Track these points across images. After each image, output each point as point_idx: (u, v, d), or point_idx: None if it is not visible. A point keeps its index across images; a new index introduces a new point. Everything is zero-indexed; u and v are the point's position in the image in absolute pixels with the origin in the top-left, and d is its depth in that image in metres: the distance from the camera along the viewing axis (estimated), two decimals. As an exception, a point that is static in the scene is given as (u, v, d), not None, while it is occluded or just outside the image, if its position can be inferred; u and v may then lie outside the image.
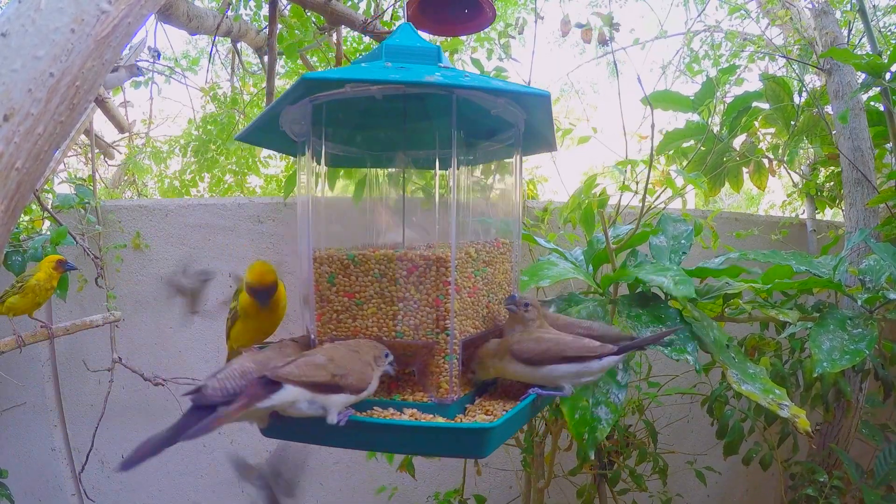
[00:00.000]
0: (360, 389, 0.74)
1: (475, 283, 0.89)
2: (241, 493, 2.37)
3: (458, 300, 0.85)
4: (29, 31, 0.74)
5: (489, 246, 0.93)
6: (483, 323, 0.92)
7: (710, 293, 1.34)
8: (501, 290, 0.97)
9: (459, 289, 0.85)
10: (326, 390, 0.71)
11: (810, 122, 2.28)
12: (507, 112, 0.90)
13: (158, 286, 2.30)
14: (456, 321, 0.84)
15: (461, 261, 0.86)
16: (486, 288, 0.92)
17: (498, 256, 0.95)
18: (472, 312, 0.89)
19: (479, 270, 0.90)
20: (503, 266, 0.96)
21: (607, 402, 1.03)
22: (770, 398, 1.02)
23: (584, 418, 1.01)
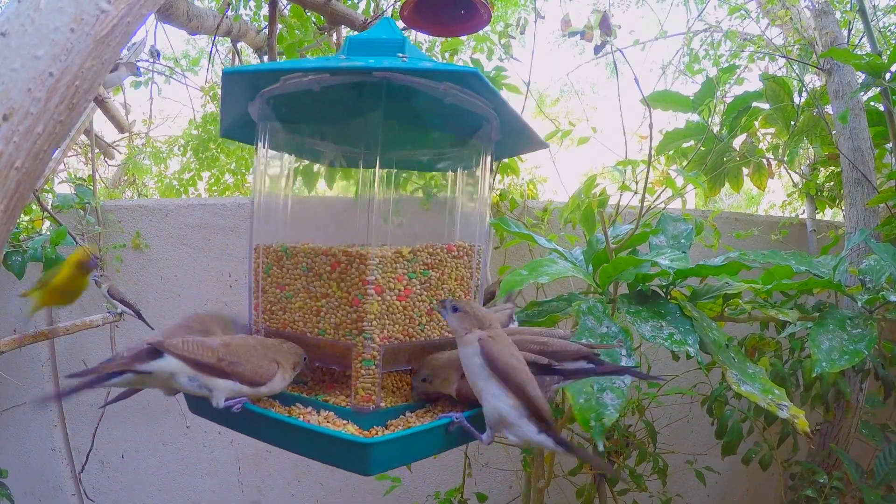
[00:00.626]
0: (253, 382, 0.74)
1: (408, 286, 0.83)
2: (242, 494, 2.37)
3: (381, 302, 0.79)
4: (28, 31, 0.74)
5: (436, 248, 0.86)
6: (421, 331, 0.85)
7: (709, 293, 1.34)
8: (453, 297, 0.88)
9: (383, 290, 0.79)
10: (210, 372, 0.71)
11: (810, 122, 2.28)
12: (468, 104, 0.84)
13: (159, 286, 2.30)
14: (376, 324, 0.79)
15: (389, 260, 0.80)
16: (426, 293, 0.85)
17: (448, 260, 0.87)
18: (402, 318, 0.82)
19: (417, 273, 0.83)
20: (457, 271, 0.88)
21: (612, 387, 0.99)
22: (769, 398, 1.02)
23: (589, 404, 0.97)
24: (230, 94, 0.88)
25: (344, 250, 0.81)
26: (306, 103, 0.88)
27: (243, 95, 0.88)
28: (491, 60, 2.41)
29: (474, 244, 0.91)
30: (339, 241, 0.86)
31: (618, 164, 1.66)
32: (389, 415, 0.81)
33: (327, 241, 0.85)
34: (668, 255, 1.15)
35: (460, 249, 0.89)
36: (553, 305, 1.33)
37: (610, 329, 1.10)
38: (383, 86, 0.77)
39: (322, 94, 0.81)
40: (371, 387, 0.79)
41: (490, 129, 0.92)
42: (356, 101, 0.86)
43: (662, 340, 1.06)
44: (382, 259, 0.80)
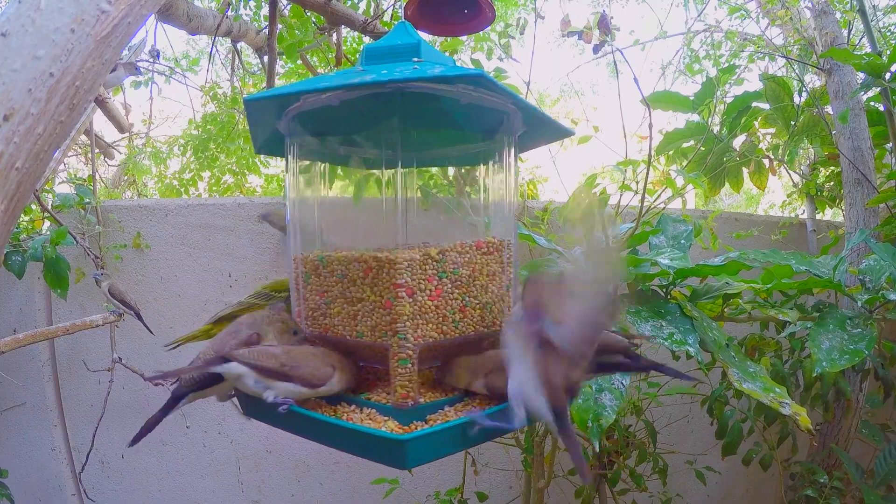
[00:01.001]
0: (312, 384, 0.82)
1: (438, 285, 0.85)
2: (242, 493, 2.38)
3: (412, 303, 0.82)
4: (29, 31, 0.74)
5: (465, 247, 0.88)
6: (456, 328, 0.87)
7: (709, 293, 1.34)
8: (486, 293, 0.91)
9: (414, 292, 0.82)
10: (275, 377, 0.81)
11: (810, 122, 2.28)
12: (487, 101, 0.86)
13: (159, 286, 2.30)
14: (409, 325, 0.82)
15: (418, 263, 0.83)
16: (458, 291, 0.87)
17: (478, 257, 0.90)
18: (435, 317, 0.85)
19: (448, 272, 0.86)
20: (487, 267, 0.90)
21: (611, 388, 1.00)
22: (771, 396, 1.02)
23: (587, 405, 0.98)
24: (255, 116, 0.90)
25: (374, 256, 0.84)
26: (329, 117, 0.91)
27: (270, 115, 0.91)
28: (491, 60, 2.41)
29: (504, 239, 0.93)
30: (374, 245, 0.89)
31: (618, 165, 1.66)
32: (428, 409, 0.84)
33: (362, 246, 0.89)
34: (668, 255, 1.16)
35: (490, 246, 0.91)
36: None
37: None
38: (398, 95, 0.80)
39: (342, 108, 0.84)
40: (409, 384, 0.83)
41: (511, 123, 0.94)
42: (375, 111, 0.89)
43: (663, 340, 1.06)
44: (411, 262, 0.83)
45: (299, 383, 0.81)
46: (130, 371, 2.13)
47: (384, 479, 1.89)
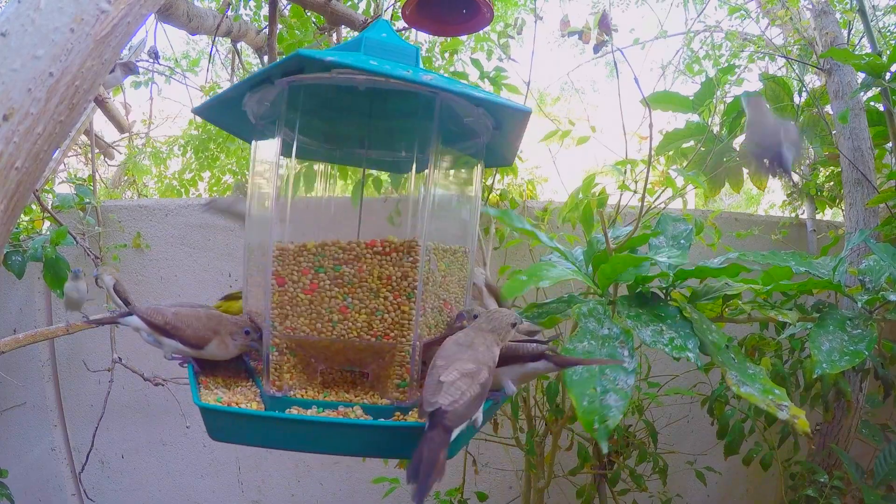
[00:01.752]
0: (192, 344, 0.92)
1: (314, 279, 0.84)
2: (242, 493, 2.38)
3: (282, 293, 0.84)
4: (28, 31, 0.74)
5: (353, 244, 0.85)
6: (333, 328, 0.85)
7: (709, 294, 1.34)
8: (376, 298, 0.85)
9: (285, 282, 0.84)
10: (161, 332, 0.93)
11: (810, 122, 2.28)
12: (480, 122, 0.88)
13: (159, 286, 2.30)
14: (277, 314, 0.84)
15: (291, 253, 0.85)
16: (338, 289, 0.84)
17: (371, 257, 0.85)
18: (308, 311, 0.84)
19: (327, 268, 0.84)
20: (382, 269, 0.85)
21: (616, 388, 0.98)
22: (769, 399, 1.02)
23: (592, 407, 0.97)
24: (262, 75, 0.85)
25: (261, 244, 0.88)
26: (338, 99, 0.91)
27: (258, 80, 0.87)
28: (490, 60, 2.41)
29: (409, 240, 0.84)
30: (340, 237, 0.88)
31: (617, 164, 1.66)
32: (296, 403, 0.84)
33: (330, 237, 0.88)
34: (666, 253, 1.15)
35: (388, 245, 0.83)
36: (553, 307, 1.33)
37: (612, 331, 1.10)
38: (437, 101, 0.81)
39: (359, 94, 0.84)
40: (275, 372, 0.84)
41: (484, 143, 0.94)
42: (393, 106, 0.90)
43: (663, 346, 1.06)
44: (283, 252, 0.83)
45: (180, 341, 0.91)
46: (130, 371, 2.13)
47: (384, 479, 1.89)
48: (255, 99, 0.89)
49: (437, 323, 0.91)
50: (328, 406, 0.83)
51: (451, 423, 0.69)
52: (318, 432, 0.78)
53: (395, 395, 0.85)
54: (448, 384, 0.72)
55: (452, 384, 0.72)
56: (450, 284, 0.94)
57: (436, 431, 0.68)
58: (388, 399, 0.85)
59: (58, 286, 1.92)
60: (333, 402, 0.84)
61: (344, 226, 1.06)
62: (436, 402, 0.69)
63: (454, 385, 0.72)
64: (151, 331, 0.93)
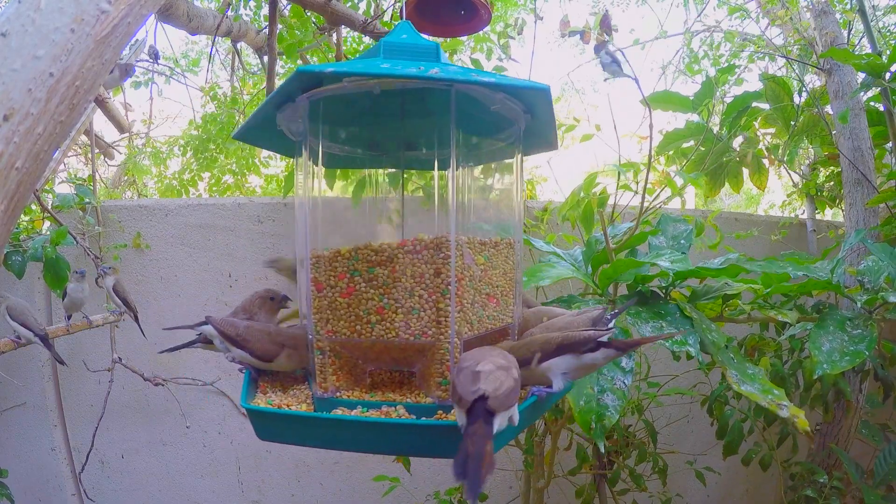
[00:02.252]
0: (260, 357, 0.97)
1: (350, 283, 0.85)
2: (242, 494, 2.38)
3: (321, 298, 0.85)
4: (29, 31, 0.74)
5: (385, 245, 0.85)
6: (372, 329, 0.85)
7: (709, 294, 1.34)
8: (411, 297, 0.85)
9: (323, 287, 0.86)
10: (232, 342, 0.99)
11: (810, 122, 2.28)
12: (508, 109, 0.88)
13: (159, 286, 2.30)
14: (318, 318, 0.86)
15: (326, 259, 0.86)
16: (374, 291, 0.85)
17: (402, 257, 0.85)
18: (347, 314, 0.85)
19: (361, 271, 0.85)
20: (414, 268, 0.85)
21: (613, 388, 0.99)
22: (769, 398, 1.02)
23: (589, 406, 0.97)
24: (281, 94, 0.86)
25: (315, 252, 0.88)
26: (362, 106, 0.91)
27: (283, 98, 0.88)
28: (490, 60, 2.41)
29: (439, 237, 0.84)
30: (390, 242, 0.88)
31: (623, 166, 1.66)
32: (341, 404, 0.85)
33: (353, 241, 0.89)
34: (668, 257, 1.15)
35: (418, 244, 0.83)
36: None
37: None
38: (452, 93, 0.81)
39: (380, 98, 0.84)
40: (321, 375, 0.87)
41: (521, 130, 0.94)
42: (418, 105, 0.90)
43: (663, 341, 1.06)
44: (319, 259, 0.86)
45: (249, 353, 0.98)
46: (130, 371, 2.13)
47: (384, 478, 1.89)
48: (285, 117, 0.90)
49: (481, 318, 0.90)
50: (372, 406, 0.84)
51: (496, 408, 0.66)
52: (358, 432, 0.79)
53: (437, 394, 0.84)
54: (486, 373, 0.70)
55: (491, 373, 0.70)
56: (493, 278, 0.92)
57: (478, 424, 0.65)
58: (431, 398, 0.85)
59: (58, 286, 1.92)
60: (378, 402, 0.85)
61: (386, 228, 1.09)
62: (478, 388, 0.67)
63: (493, 374, 0.70)
64: (224, 340, 1.00)
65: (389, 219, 1.07)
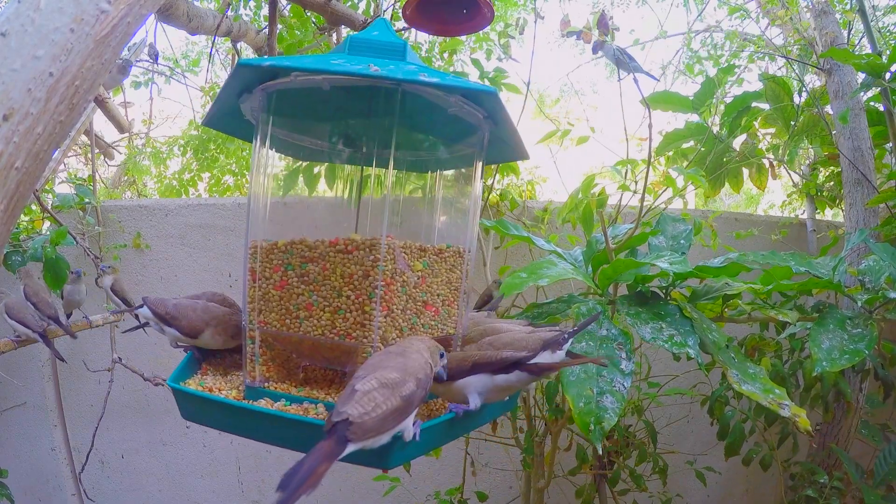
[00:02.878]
0: (187, 333, 0.98)
1: (284, 277, 0.85)
2: (242, 494, 2.38)
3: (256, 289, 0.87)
4: (28, 31, 0.74)
5: (318, 242, 0.84)
6: (300, 325, 0.84)
7: (709, 294, 1.34)
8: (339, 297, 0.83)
9: (259, 277, 0.87)
10: (161, 320, 1.00)
11: (810, 122, 2.28)
12: (466, 113, 0.85)
13: (159, 286, 2.30)
14: (252, 307, 0.87)
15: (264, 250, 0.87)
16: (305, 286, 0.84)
17: (334, 255, 0.83)
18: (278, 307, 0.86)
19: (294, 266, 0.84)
20: (345, 268, 0.82)
21: (612, 390, 0.99)
22: (770, 398, 1.02)
23: (588, 408, 0.97)
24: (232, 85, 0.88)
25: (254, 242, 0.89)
26: (313, 100, 0.91)
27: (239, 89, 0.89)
28: (490, 60, 2.41)
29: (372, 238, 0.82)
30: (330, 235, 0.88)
31: (617, 164, 1.66)
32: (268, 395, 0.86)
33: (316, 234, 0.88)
34: (668, 258, 1.15)
35: (350, 244, 0.82)
36: (553, 307, 1.33)
37: (610, 332, 1.10)
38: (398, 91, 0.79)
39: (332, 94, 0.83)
40: (251, 363, 0.88)
41: (484, 138, 0.92)
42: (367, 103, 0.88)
43: (663, 342, 1.06)
44: (256, 249, 0.87)
45: (177, 330, 0.98)
46: (130, 371, 2.13)
47: (384, 477, 1.89)
48: (248, 106, 0.91)
49: (413, 325, 0.87)
50: (295, 400, 0.83)
51: (354, 438, 0.62)
52: (271, 425, 0.79)
53: None
54: (362, 394, 0.65)
55: (367, 394, 0.65)
56: (433, 285, 0.90)
57: (329, 442, 0.62)
58: None
59: (58, 286, 1.92)
60: (301, 398, 0.84)
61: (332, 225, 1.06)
62: (344, 411, 0.63)
63: (368, 395, 0.65)
64: (156, 320, 1.01)
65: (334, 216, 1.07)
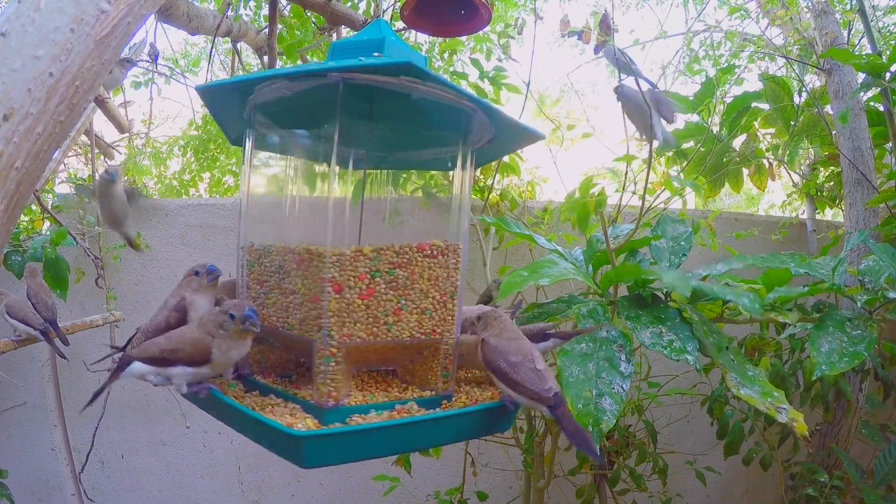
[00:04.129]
0: (197, 361, 0.81)
1: (371, 284, 0.82)
2: (242, 494, 2.38)
3: (339, 300, 0.80)
4: (29, 31, 0.74)
5: (403, 247, 0.85)
6: (388, 331, 0.84)
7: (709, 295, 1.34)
8: (423, 299, 0.86)
9: (342, 288, 0.80)
10: (163, 363, 0.82)
11: (810, 122, 2.28)
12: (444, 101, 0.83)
13: (159, 286, 2.30)
14: (335, 322, 0.80)
15: (348, 259, 0.80)
16: (393, 292, 0.84)
17: (421, 260, 0.85)
18: (365, 317, 0.82)
19: (382, 272, 0.83)
20: (431, 271, 0.86)
21: (611, 392, 0.99)
22: (769, 402, 1.02)
23: (587, 410, 0.98)
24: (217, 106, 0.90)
25: (307, 248, 0.83)
26: (284, 108, 0.90)
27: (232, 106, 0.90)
28: (490, 60, 2.41)
29: (453, 243, 0.88)
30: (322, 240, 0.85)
31: (617, 160, 1.66)
32: (354, 411, 0.82)
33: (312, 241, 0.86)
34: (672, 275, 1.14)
35: (435, 249, 0.86)
36: (553, 307, 1.33)
37: (610, 333, 1.10)
38: (339, 86, 0.78)
39: (295, 99, 0.83)
40: (331, 383, 0.81)
41: (470, 126, 0.90)
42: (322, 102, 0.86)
43: (662, 348, 1.06)
44: (340, 257, 0.81)
45: (185, 364, 0.82)
46: (130, 371, 2.12)
47: (384, 477, 1.89)
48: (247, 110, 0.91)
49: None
50: (384, 407, 0.84)
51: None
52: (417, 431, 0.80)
53: (440, 386, 0.88)
54: (545, 370, 0.84)
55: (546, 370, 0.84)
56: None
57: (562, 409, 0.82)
58: (431, 390, 0.89)
59: (58, 286, 1.92)
60: (389, 403, 0.85)
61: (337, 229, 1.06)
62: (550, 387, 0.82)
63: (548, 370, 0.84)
64: (154, 367, 0.85)
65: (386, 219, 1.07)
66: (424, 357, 0.89)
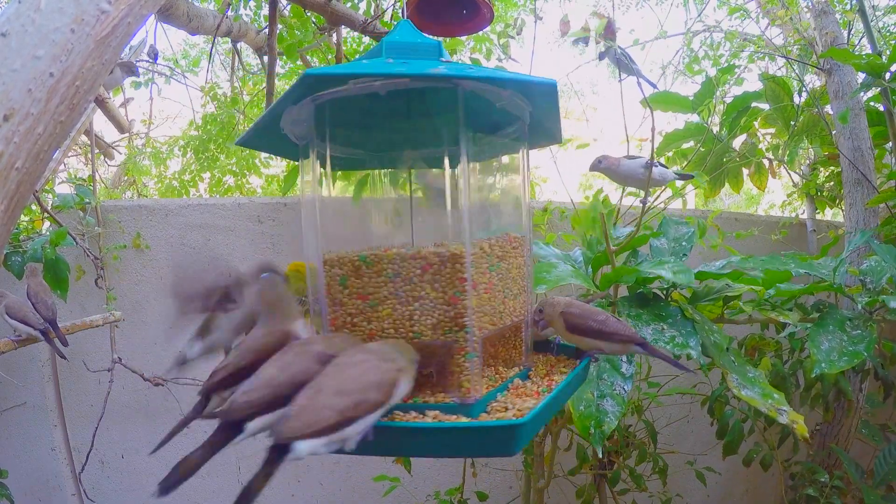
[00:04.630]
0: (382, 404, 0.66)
1: (490, 278, 0.87)
2: (241, 494, 2.37)
3: (476, 297, 0.82)
4: (29, 31, 0.74)
5: (501, 241, 0.91)
6: (500, 319, 0.90)
7: (710, 295, 1.34)
8: (515, 285, 0.95)
9: (476, 285, 0.82)
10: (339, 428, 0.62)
11: (810, 122, 2.28)
12: (513, 105, 0.88)
13: (159, 286, 2.30)
14: (475, 318, 0.82)
15: (476, 256, 0.83)
16: (501, 283, 0.90)
17: (510, 251, 0.93)
18: (490, 309, 0.87)
19: (494, 266, 0.88)
20: (516, 261, 0.94)
21: (613, 394, 1.00)
22: (769, 403, 1.02)
23: (589, 411, 0.99)
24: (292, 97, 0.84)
25: (435, 252, 0.82)
26: (368, 107, 0.90)
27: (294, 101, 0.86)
28: (490, 60, 2.41)
29: (523, 234, 0.95)
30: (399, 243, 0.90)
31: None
32: (487, 400, 0.84)
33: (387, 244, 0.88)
34: (671, 266, 1.15)
35: (516, 241, 0.94)
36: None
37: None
38: (458, 91, 0.80)
39: (386, 99, 0.81)
40: (474, 378, 0.82)
41: (526, 126, 0.96)
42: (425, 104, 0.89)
43: (664, 343, 1.06)
44: (474, 256, 0.83)
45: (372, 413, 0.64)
46: (130, 371, 2.12)
47: (384, 477, 1.89)
48: (289, 120, 0.88)
49: None
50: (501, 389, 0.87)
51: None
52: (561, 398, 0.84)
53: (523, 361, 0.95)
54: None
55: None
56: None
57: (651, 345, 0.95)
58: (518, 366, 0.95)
59: (58, 286, 1.92)
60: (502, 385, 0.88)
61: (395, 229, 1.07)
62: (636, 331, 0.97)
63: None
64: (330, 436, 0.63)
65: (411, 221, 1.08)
66: (507, 338, 0.96)
